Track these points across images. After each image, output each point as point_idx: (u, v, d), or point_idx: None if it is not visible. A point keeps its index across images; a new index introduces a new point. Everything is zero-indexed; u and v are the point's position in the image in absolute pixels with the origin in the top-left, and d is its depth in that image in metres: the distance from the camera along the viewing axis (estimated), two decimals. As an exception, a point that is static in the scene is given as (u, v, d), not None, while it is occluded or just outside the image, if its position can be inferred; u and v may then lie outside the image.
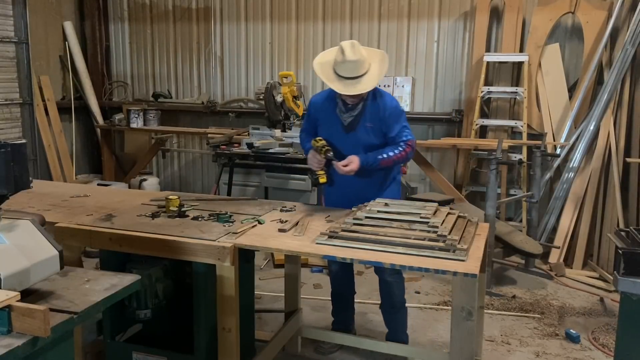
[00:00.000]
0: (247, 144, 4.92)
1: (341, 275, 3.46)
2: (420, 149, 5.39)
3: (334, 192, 3.25)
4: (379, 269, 3.22)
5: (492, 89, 5.59)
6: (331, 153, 2.99)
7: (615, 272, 2.28)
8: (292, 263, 3.36)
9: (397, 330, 3.35)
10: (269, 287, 4.40)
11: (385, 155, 3.04)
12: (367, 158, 3.01)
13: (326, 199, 3.43)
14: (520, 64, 5.50)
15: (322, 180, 3.09)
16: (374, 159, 3.03)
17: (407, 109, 5.90)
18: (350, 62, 2.86)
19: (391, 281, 3.23)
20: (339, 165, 2.97)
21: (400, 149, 3.06)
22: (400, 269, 2.54)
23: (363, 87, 2.90)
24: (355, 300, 3.61)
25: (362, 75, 2.90)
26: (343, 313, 3.54)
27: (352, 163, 2.96)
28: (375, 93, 3.06)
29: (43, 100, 6.20)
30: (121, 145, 7.18)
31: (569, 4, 5.35)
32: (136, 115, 6.18)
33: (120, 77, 7.23)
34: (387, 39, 5.96)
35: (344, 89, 2.90)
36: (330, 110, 3.12)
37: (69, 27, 6.72)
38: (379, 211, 2.66)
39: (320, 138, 3.07)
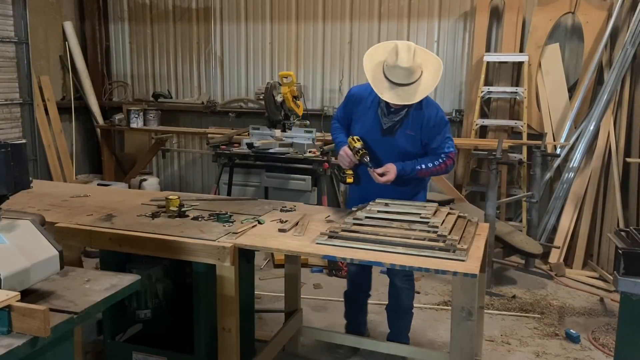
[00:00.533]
0: (247, 144, 4.92)
1: (359, 276, 3.39)
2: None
3: (360, 194, 3.09)
4: (391, 272, 3.18)
5: (492, 89, 5.59)
6: (367, 158, 2.87)
7: (615, 272, 2.28)
8: (292, 263, 3.35)
9: (399, 333, 3.34)
10: (269, 287, 4.40)
11: (423, 166, 2.92)
12: (405, 167, 2.89)
13: (349, 199, 3.32)
14: (520, 64, 5.50)
15: (350, 180, 3.01)
16: (411, 169, 2.91)
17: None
18: (403, 68, 2.71)
19: (401, 286, 3.20)
20: (376, 173, 2.85)
21: (440, 160, 2.94)
22: (400, 269, 2.52)
23: (412, 97, 2.75)
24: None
25: (413, 82, 2.75)
26: (356, 315, 3.49)
27: (389, 173, 2.84)
28: (422, 100, 2.87)
29: (43, 100, 6.19)
30: (121, 145, 7.18)
31: (569, 4, 5.35)
32: (136, 115, 6.17)
33: (120, 77, 7.23)
34: (387, 39, 5.93)
35: (392, 97, 2.75)
36: (371, 108, 2.98)
37: (69, 27, 6.72)
38: (379, 211, 2.67)
39: (357, 138, 2.93)
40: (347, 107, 3.12)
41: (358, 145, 2.90)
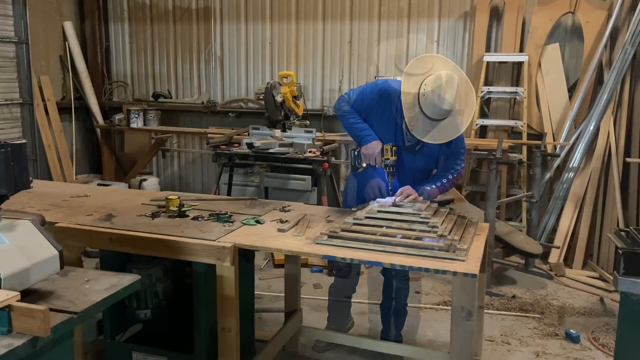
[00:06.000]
0: (247, 144, 4.92)
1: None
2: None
3: (362, 189, 3.06)
4: (388, 271, 3.19)
5: (492, 89, 5.59)
6: (393, 176, 2.88)
7: (615, 272, 2.28)
8: (292, 263, 3.36)
9: (394, 330, 3.37)
10: (269, 287, 4.40)
11: (434, 186, 2.86)
12: (422, 193, 2.81)
13: (346, 197, 3.31)
14: (520, 64, 5.50)
15: (361, 169, 3.00)
16: (427, 194, 2.83)
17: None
18: (444, 110, 2.61)
19: (400, 287, 3.24)
20: (403, 192, 2.75)
21: (450, 177, 2.90)
22: (400, 269, 2.51)
23: (443, 136, 2.68)
24: (353, 297, 3.63)
25: (446, 117, 2.65)
26: (340, 308, 3.56)
27: (410, 196, 2.74)
28: None
29: (43, 100, 6.19)
30: (121, 145, 7.18)
31: (569, 4, 5.35)
32: (136, 115, 6.17)
33: (120, 77, 7.23)
34: (387, 39, 5.95)
35: (422, 134, 2.67)
36: (397, 118, 2.87)
37: (69, 27, 6.72)
38: (379, 211, 2.66)
39: (395, 150, 2.86)
40: (370, 98, 2.93)
41: (392, 160, 2.86)
